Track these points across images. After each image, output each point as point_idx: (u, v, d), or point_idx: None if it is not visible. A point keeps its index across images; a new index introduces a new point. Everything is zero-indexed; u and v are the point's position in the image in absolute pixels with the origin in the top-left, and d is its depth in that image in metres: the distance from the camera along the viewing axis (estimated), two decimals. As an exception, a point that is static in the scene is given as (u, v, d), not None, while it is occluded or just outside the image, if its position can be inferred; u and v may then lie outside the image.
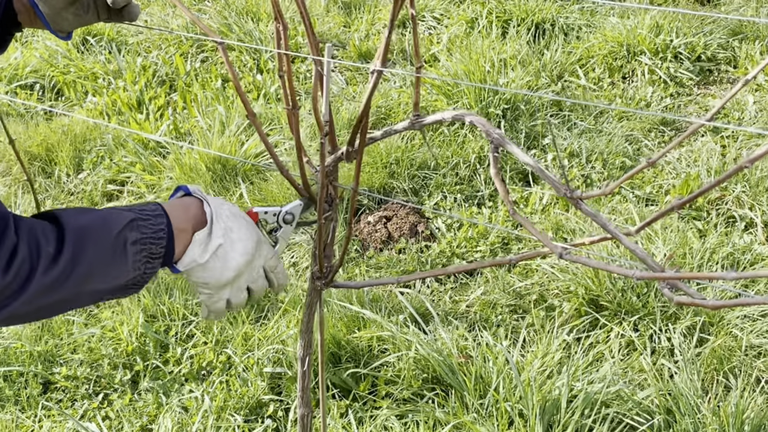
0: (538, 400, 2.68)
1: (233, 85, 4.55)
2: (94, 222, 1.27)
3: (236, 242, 1.43)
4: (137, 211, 1.33)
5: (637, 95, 4.49)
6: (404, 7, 1.29)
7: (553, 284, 3.29)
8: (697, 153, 4.01)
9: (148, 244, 1.32)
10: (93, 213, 1.30)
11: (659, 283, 1.17)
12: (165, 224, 1.34)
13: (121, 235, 1.28)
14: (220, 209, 1.43)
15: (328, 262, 1.59)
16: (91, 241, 1.25)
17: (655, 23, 4.84)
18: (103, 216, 1.29)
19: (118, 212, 1.31)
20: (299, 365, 1.73)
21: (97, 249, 1.26)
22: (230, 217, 1.43)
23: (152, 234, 1.32)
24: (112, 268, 1.29)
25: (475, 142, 4.09)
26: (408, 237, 3.61)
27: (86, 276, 1.25)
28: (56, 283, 1.22)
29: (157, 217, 1.34)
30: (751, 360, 2.91)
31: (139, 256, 1.31)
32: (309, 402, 1.80)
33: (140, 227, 1.31)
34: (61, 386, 3.04)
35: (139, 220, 1.31)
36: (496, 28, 5.02)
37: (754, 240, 3.44)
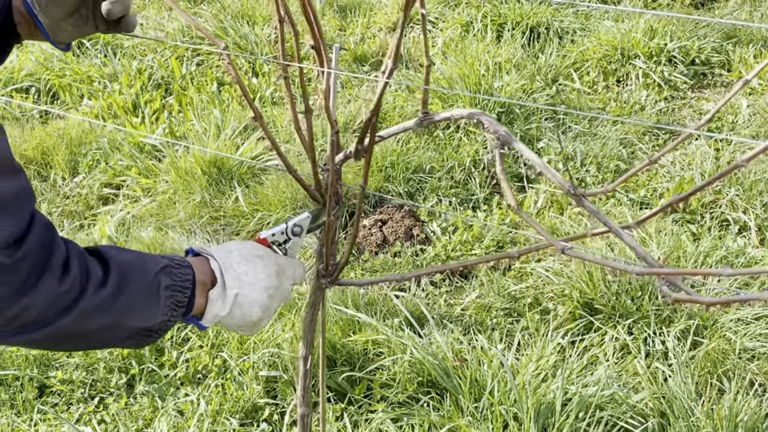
0: (532, 404, 2.69)
1: (229, 88, 4.55)
2: (135, 261, 1.30)
3: (254, 284, 1.43)
4: (169, 259, 1.35)
5: (632, 99, 4.50)
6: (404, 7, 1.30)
7: (548, 287, 3.30)
8: (691, 156, 4.03)
9: (177, 292, 1.33)
10: (132, 252, 1.32)
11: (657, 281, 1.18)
12: (191, 275, 1.36)
13: (156, 278, 1.30)
14: (228, 259, 1.42)
15: (333, 260, 1.60)
16: (132, 277, 1.28)
17: (650, 27, 4.86)
18: (141, 257, 1.32)
19: (153, 256, 1.34)
20: (301, 364, 1.74)
21: (137, 285, 1.28)
22: (241, 263, 1.43)
23: (181, 282, 1.34)
24: (147, 308, 1.30)
25: (470, 145, 4.10)
26: (403, 240, 3.62)
27: (127, 308, 1.27)
28: (103, 305, 1.23)
29: (185, 267, 1.36)
30: (744, 363, 2.92)
31: (169, 302, 1.32)
32: (309, 402, 1.81)
33: (172, 274, 1.33)
34: (56, 390, 3.04)
35: (171, 267, 1.33)
36: (491, 31, 5.04)
37: (747, 243, 3.45)
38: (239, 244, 1.47)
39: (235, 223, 3.77)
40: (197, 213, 3.84)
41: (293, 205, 3.78)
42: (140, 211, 3.93)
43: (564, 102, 4.49)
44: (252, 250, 1.46)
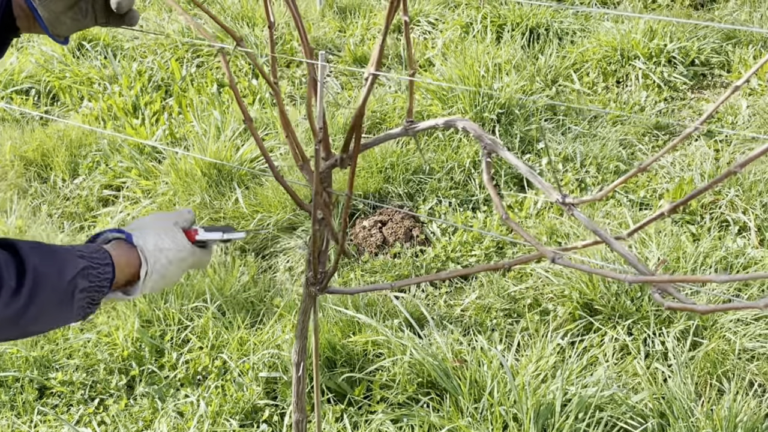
0: (532, 404, 2.69)
1: (229, 90, 4.56)
2: (52, 266, 1.30)
3: (162, 283, 1.52)
4: (89, 257, 1.37)
5: (631, 99, 4.50)
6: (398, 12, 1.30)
7: (548, 288, 3.30)
8: (690, 157, 4.03)
9: (93, 292, 1.36)
10: (50, 254, 1.32)
11: (651, 288, 1.18)
12: (110, 273, 1.39)
13: (72, 283, 1.32)
14: (157, 266, 1.49)
15: (323, 268, 1.60)
16: (47, 285, 1.28)
17: (649, 28, 4.86)
18: (59, 260, 1.32)
19: (72, 257, 1.34)
20: (294, 370, 1.74)
21: (50, 294, 1.29)
22: (165, 267, 1.50)
23: (99, 283, 1.37)
24: (58, 313, 1.33)
25: (470, 146, 4.10)
26: (403, 241, 3.62)
27: (36, 317, 1.28)
28: (13, 317, 1.24)
29: (106, 266, 1.39)
30: (744, 363, 2.92)
31: (83, 303, 1.35)
32: (304, 407, 1.81)
33: (89, 275, 1.35)
34: (56, 391, 3.05)
35: (90, 269, 1.35)
36: (490, 32, 5.04)
37: (747, 244, 3.45)
38: (172, 241, 1.52)
39: (235, 225, 3.77)
40: (197, 214, 3.84)
41: (293, 206, 3.79)
42: (140, 212, 3.93)
43: (563, 103, 4.49)
44: (179, 253, 1.53)
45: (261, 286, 3.42)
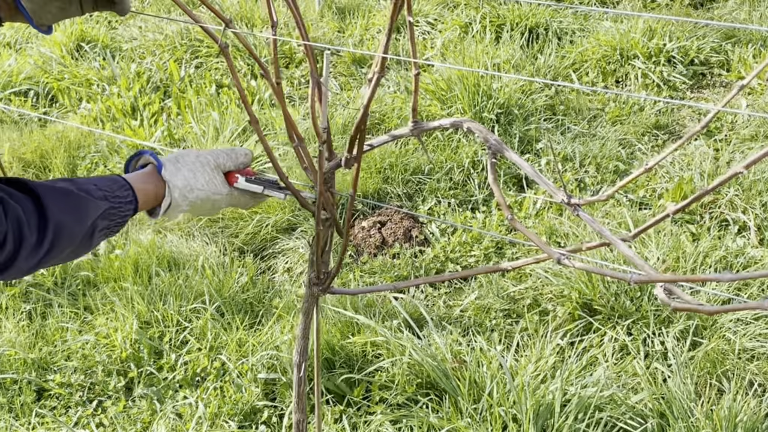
0: (531, 405, 2.68)
1: (228, 91, 4.55)
2: (73, 214, 1.35)
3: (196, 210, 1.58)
4: (111, 198, 1.42)
5: (631, 99, 4.50)
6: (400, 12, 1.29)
7: (547, 288, 3.29)
8: (690, 157, 4.02)
9: (113, 228, 1.44)
10: (72, 201, 1.36)
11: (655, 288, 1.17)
12: (132, 211, 1.46)
13: (92, 225, 1.39)
14: (180, 201, 1.53)
15: (325, 268, 1.59)
16: (67, 234, 1.34)
17: (649, 27, 4.85)
18: (81, 207, 1.37)
19: (94, 201, 1.39)
20: (295, 371, 1.73)
21: (69, 240, 1.36)
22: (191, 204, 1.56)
23: (119, 220, 1.44)
24: (77, 251, 1.41)
25: (469, 146, 4.10)
26: (402, 242, 3.61)
27: (55, 259, 1.37)
28: (31, 267, 1.32)
29: (128, 203, 1.45)
30: (744, 363, 2.91)
31: (101, 237, 1.43)
32: (304, 408, 1.80)
33: (110, 215, 1.42)
34: (55, 393, 3.04)
35: (111, 209, 1.42)
36: (489, 32, 5.03)
37: (747, 243, 3.45)
38: (206, 183, 1.56)
39: (234, 226, 3.77)
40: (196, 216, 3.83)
41: (291, 207, 3.78)
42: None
43: (563, 103, 4.49)
44: (211, 195, 1.56)
45: (260, 287, 3.41)
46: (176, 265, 3.54)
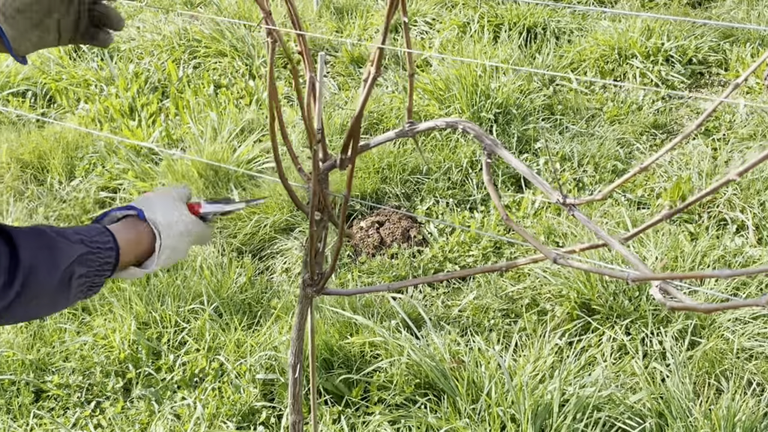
0: (530, 405, 2.68)
1: (226, 91, 4.54)
2: (47, 256, 1.28)
3: (172, 257, 1.53)
4: (89, 242, 1.34)
5: (629, 99, 4.50)
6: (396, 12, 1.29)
7: (546, 288, 3.29)
8: (688, 156, 4.02)
9: (92, 277, 1.35)
10: (46, 243, 1.29)
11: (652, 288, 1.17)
12: (113, 258, 1.38)
13: (68, 270, 1.30)
14: (168, 241, 1.49)
15: (320, 269, 1.59)
16: (40, 277, 1.26)
17: (647, 26, 4.85)
18: (55, 249, 1.30)
19: (69, 244, 1.31)
20: (290, 372, 1.73)
21: (43, 285, 1.27)
22: (176, 241, 1.51)
23: (98, 267, 1.35)
24: (52, 301, 1.31)
25: (467, 146, 4.09)
26: (400, 242, 3.61)
27: (28, 306, 1.27)
28: (4, 309, 1.24)
29: (108, 250, 1.37)
30: (742, 363, 2.91)
31: (82, 288, 1.34)
32: (300, 409, 1.80)
33: (88, 261, 1.33)
34: (53, 394, 3.04)
35: (89, 254, 1.33)
36: (487, 32, 5.03)
37: (745, 242, 3.45)
38: (180, 214, 1.53)
39: (232, 226, 3.77)
40: (194, 216, 3.83)
41: (290, 207, 3.78)
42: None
43: (561, 102, 4.48)
44: (187, 225, 1.54)
45: (258, 288, 3.41)
46: (174, 265, 3.53)
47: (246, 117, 4.43)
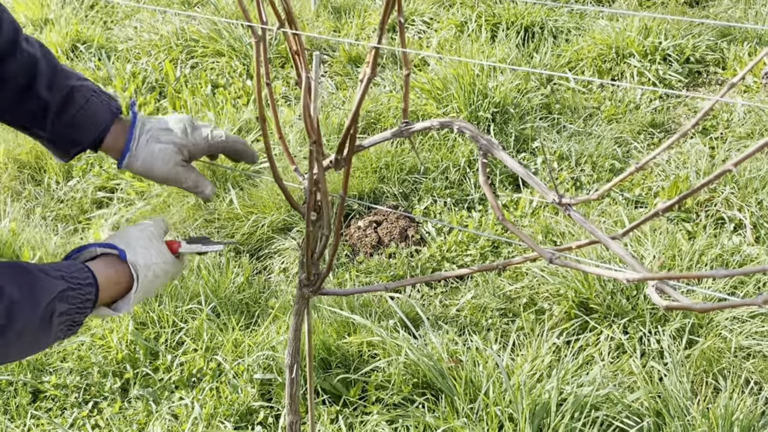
0: (527, 404, 2.68)
1: (223, 91, 4.54)
2: (27, 293, 1.25)
3: (148, 293, 1.51)
4: (69, 278, 1.33)
5: (626, 98, 4.50)
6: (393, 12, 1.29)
7: (543, 287, 3.29)
8: (686, 155, 4.02)
9: (74, 314, 1.33)
10: (26, 280, 1.27)
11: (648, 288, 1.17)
12: (93, 295, 1.37)
13: (49, 307, 1.27)
14: (145, 283, 1.48)
15: (316, 269, 1.59)
16: (21, 314, 1.23)
17: (644, 25, 4.85)
18: (36, 285, 1.27)
19: (50, 280, 1.29)
20: (287, 372, 1.73)
21: (25, 323, 1.24)
22: (151, 282, 1.50)
23: (79, 304, 1.33)
24: (34, 340, 1.29)
25: (465, 146, 4.09)
26: (398, 242, 3.61)
27: (9, 346, 1.25)
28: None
29: (87, 286, 1.36)
30: (740, 362, 2.91)
31: (63, 326, 1.32)
32: (297, 409, 1.80)
33: (69, 298, 1.31)
34: (50, 395, 3.03)
35: (69, 290, 1.31)
36: (485, 31, 5.03)
37: (743, 241, 3.45)
38: (158, 254, 1.51)
39: (230, 226, 3.76)
40: (191, 216, 3.83)
41: (287, 207, 3.77)
42: (134, 214, 3.92)
43: (558, 101, 4.48)
44: (164, 266, 1.52)
45: (256, 288, 3.41)
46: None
47: (243, 117, 4.43)
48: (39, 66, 1.58)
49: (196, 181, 1.68)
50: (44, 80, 1.57)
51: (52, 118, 1.56)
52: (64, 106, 1.59)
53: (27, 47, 1.57)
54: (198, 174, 1.68)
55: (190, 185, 1.68)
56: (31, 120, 1.61)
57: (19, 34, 1.56)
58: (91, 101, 1.61)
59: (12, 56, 1.55)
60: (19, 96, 1.57)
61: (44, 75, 1.58)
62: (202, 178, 1.69)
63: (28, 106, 1.58)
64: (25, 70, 1.56)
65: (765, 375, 2.87)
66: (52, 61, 1.61)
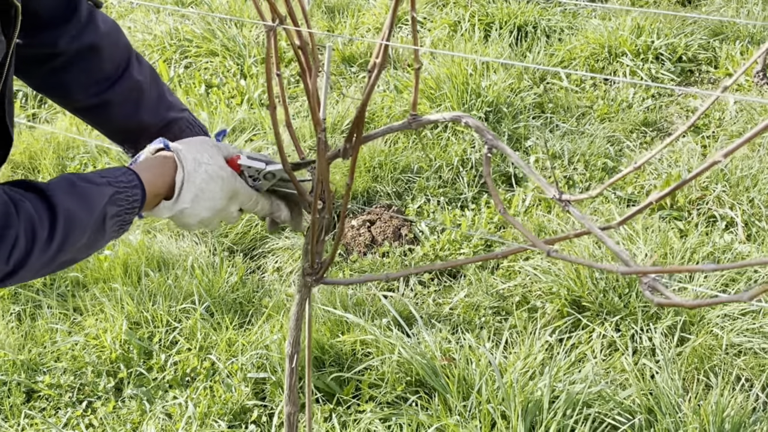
0: (520, 402, 2.69)
1: (217, 90, 4.55)
2: (81, 204, 1.33)
3: (205, 203, 1.49)
4: (115, 183, 1.39)
5: (619, 96, 4.51)
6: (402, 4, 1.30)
7: (536, 285, 3.31)
8: (678, 153, 4.04)
9: (123, 215, 1.40)
10: (78, 191, 1.34)
11: (640, 285, 1.18)
12: (140, 195, 1.42)
13: (102, 211, 1.35)
14: (195, 173, 1.47)
15: (319, 258, 1.60)
16: (78, 226, 1.32)
17: (636, 24, 4.87)
18: (88, 196, 1.34)
19: (98, 188, 1.36)
20: (287, 362, 1.74)
21: (81, 232, 1.33)
22: (204, 181, 1.48)
23: (128, 206, 1.40)
24: (91, 244, 1.38)
25: (458, 145, 4.10)
26: (392, 240, 3.62)
27: (69, 254, 1.35)
28: (45, 264, 1.31)
29: (134, 188, 1.41)
30: (731, 359, 2.93)
31: (115, 227, 1.40)
32: (296, 401, 1.81)
33: (117, 200, 1.38)
34: (44, 395, 3.04)
35: (117, 194, 1.38)
36: (478, 31, 5.05)
37: (734, 239, 3.46)
38: (211, 157, 1.50)
39: (224, 225, 3.77)
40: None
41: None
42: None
43: (551, 100, 4.50)
44: (219, 170, 1.50)
45: (249, 287, 3.42)
46: (166, 265, 3.54)
47: (237, 116, 4.43)
48: (145, 94, 1.68)
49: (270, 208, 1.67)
50: (147, 108, 1.67)
51: (145, 143, 1.61)
52: (159, 135, 1.66)
53: (137, 74, 1.67)
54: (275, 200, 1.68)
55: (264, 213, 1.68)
56: (125, 139, 1.73)
57: (131, 60, 1.67)
58: (185, 134, 1.70)
59: (121, 80, 1.66)
60: (121, 119, 1.68)
61: (148, 103, 1.68)
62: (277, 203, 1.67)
63: (128, 126, 1.70)
64: (133, 96, 1.66)
65: (756, 372, 2.89)
66: (159, 89, 1.71)
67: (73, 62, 1.63)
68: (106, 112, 1.66)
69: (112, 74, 1.66)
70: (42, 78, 1.66)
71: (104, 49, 1.64)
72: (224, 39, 5.15)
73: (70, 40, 1.60)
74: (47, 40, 1.59)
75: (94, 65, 1.65)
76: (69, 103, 1.72)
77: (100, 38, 1.63)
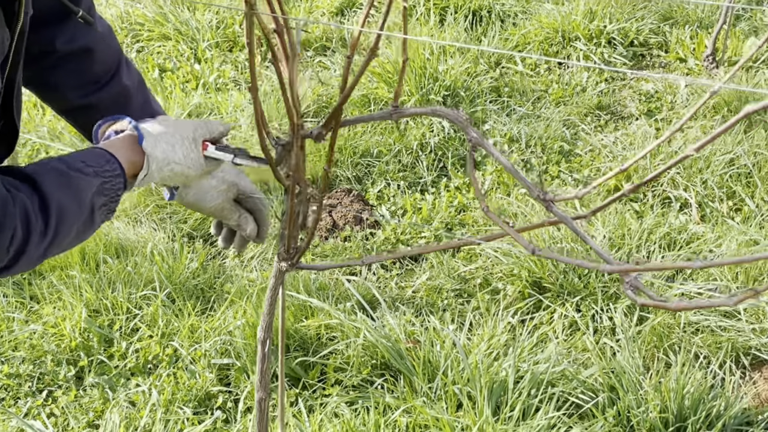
0: (485, 382, 2.72)
1: (171, 75, 4.48)
2: (72, 196, 1.36)
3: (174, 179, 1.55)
4: (102, 174, 1.41)
5: (573, 80, 4.56)
6: None
7: (497, 268, 3.34)
8: (632, 136, 4.10)
9: (109, 203, 1.44)
10: (68, 182, 1.36)
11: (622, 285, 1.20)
12: (122, 183, 1.45)
13: (90, 203, 1.40)
14: (157, 173, 1.50)
15: (295, 243, 1.59)
16: (70, 216, 1.36)
17: (589, 9, 4.92)
18: (77, 187, 1.37)
19: (86, 179, 1.39)
20: (259, 347, 1.74)
21: (73, 223, 1.38)
22: (169, 177, 1.53)
23: (113, 194, 1.44)
24: (81, 234, 1.43)
25: (417, 129, 4.11)
26: (353, 225, 3.62)
27: (62, 244, 1.39)
28: (43, 252, 1.36)
29: (117, 177, 1.44)
30: (689, 336, 3.00)
31: (103, 216, 1.45)
32: (268, 386, 1.80)
33: (104, 190, 1.42)
34: (3, 384, 2.98)
35: (104, 184, 1.41)
36: (434, 15, 5.05)
37: (689, 220, 3.54)
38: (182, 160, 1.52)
39: (182, 212, 3.73)
40: (143, 202, 3.79)
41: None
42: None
43: (507, 84, 4.53)
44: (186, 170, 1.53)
45: (210, 273, 3.39)
46: (124, 252, 3.49)
47: (193, 101, 4.38)
48: (132, 99, 1.72)
49: (238, 220, 1.73)
50: (133, 114, 1.66)
51: None
52: None
53: (125, 79, 1.71)
54: (243, 212, 1.74)
55: (233, 223, 1.74)
56: None
57: (121, 64, 1.70)
58: None
59: (110, 84, 1.69)
60: None
61: (134, 109, 1.71)
62: (245, 216, 1.74)
63: None
64: (120, 101, 1.69)
65: (713, 349, 2.96)
66: (144, 95, 1.75)
67: (66, 62, 1.64)
68: (92, 115, 1.65)
69: (101, 77, 1.68)
70: (32, 74, 1.65)
71: (97, 52, 1.66)
72: (177, 23, 5.08)
73: (66, 39, 1.62)
74: (44, 37, 1.60)
75: (86, 67, 1.66)
76: (56, 102, 1.73)
77: (95, 41, 1.65)
